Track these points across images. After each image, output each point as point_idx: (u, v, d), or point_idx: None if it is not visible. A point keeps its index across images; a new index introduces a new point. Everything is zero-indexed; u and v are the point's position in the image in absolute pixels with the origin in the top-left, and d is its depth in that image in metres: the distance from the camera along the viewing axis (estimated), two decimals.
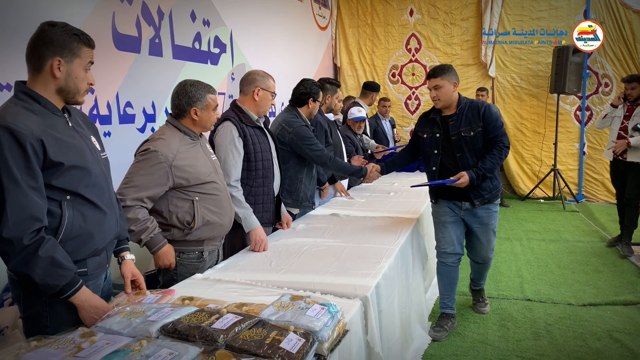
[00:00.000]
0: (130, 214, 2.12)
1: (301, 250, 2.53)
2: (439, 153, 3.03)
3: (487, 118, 2.92)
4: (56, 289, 1.54)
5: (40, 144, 1.52)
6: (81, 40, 1.64)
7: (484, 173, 2.91)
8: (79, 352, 1.24)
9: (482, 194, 3.01)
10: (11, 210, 1.46)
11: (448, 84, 2.94)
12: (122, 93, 3.63)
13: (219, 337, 1.30)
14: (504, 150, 2.96)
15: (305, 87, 3.30)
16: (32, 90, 1.60)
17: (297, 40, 6.75)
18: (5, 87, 2.75)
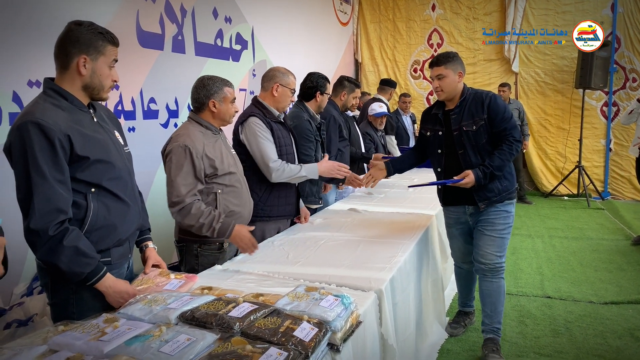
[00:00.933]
0: (193, 209, 2.21)
1: (318, 243, 2.57)
2: (442, 153, 2.75)
3: (493, 109, 2.59)
4: (81, 276, 1.61)
5: (67, 139, 1.59)
6: (106, 39, 1.70)
7: (492, 171, 2.58)
8: (103, 336, 1.30)
9: (489, 195, 2.67)
10: (38, 202, 1.53)
11: (452, 74, 2.64)
12: (146, 89, 3.72)
13: (234, 324, 1.35)
14: (515, 145, 2.61)
15: (312, 81, 3.32)
16: (59, 87, 1.67)
17: (318, 36, 6.78)
18: (35, 83, 2.85)
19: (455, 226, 2.92)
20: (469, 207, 2.78)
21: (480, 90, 2.72)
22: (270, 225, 2.82)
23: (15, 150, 1.56)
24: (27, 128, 1.54)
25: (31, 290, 2.85)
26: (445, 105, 2.76)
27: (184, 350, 1.22)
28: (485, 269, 2.76)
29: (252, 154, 2.72)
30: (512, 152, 2.62)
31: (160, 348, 1.23)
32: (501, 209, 2.71)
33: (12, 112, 2.75)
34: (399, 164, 3.07)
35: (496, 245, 2.73)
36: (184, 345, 1.25)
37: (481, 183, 2.60)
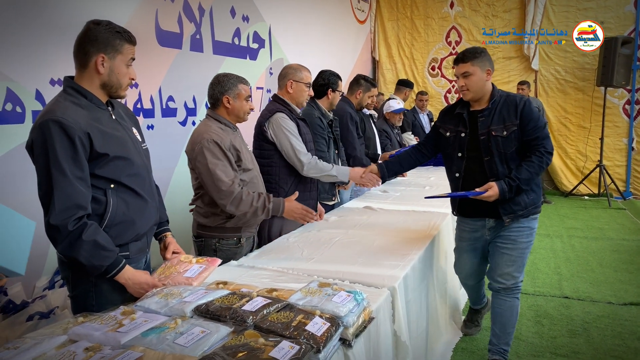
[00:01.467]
0: (244, 196, 2.30)
1: (332, 240, 2.58)
2: (463, 156, 2.50)
3: (526, 115, 2.37)
4: (101, 269, 1.65)
5: (87, 136, 1.63)
6: (123, 38, 1.73)
7: (519, 185, 2.34)
8: (120, 328, 1.34)
9: (515, 209, 2.43)
10: (58, 199, 1.58)
11: (480, 72, 2.41)
12: (165, 87, 3.78)
13: (248, 318, 1.37)
14: (545, 157, 2.37)
15: (323, 78, 3.34)
16: (79, 85, 1.72)
17: (335, 34, 6.78)
18: (57, 82, 2.92)
19: (468, 241, 2.68)
20: (489, 220, 2.54)
21: (513, 94, 2.49)
22: (288, 221, 2.85)
23: (37, 147, 1.61)
24: (49, 126, 1.58)
25: (53, 284, 2.93)
26: (470, 105, 2.53)
27: (198, 342, 1.25)
28: (500, 289, 2.56)
29: (282, 148, 2.75)
30: (542, 165, 2.37)
31: (175, 340, 1.26)
32: (525, 224, 2.48)
33: (35, 110, 2.82)
34: (396, 167, 2.85)
35: (516, 264, 2.51)
36: (198, 337, 1.28)
37: (505, 197, 2.35)
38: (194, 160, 2.35)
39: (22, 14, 2.74)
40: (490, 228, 2.56)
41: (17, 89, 2.72)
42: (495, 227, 2.54)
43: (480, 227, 2.59)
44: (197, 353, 1.21)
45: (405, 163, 2.83)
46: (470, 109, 2.52)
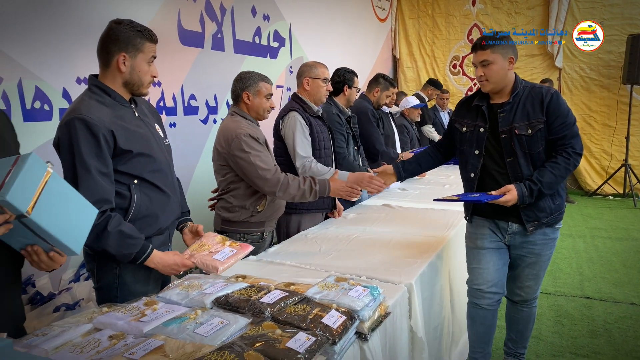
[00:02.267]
0: (290, 181, 2.36)
1: (350, 237, 2.60)
2: (480, 154, 2.23)
3: (554, 110, 2.09)
4: (130, 256, 1.71)
5: (111, 134, 1.68)
6: (144, 36, 1.77)
7: (540, 189, 2.08)
8: (143, 317, 1.39)
9: (539, 216, 2.18)
10: (83, 194, 1.63)
11: (501, 59, 2.13)
12: (187, 86, 3.84)
13: (266, 310, 1.40)
14: (573, 158, 2.10)
15: (339, 75, 3.37)
16: (103, 83, 1.77)
17: (355, 33, 6.79)
18: (83, 80, 3.00)
19: (489, 239, 2.33)
20: (512, 225, 2.25)
21: (539, 85, 2.18)
22: (306, 218, 2.90)
23: (63, 145, 1.66)
24: (74, 124, 1.64)
25: (78, 277, 3.01)
26: (489, 97, 2.25)
27: (217, 332, 1.29)
28: (519, 300, 2.41)
29: (288, 146, 2.79)
30: (569, 167, 2.09)
31: (195, 329, 1.30)
32: (550, 236, 2.24)
33: (62, 107, 2.91)
34: (414, 166, 2.55)
35: (538, 278, 2.33)
36: (217, 327, 1.31)
37: (525, 203, 2.10)
38: (231, 155, 2.37)
39: (49, 15, 2.83)
40: (512, 234, 2.26)
41: (45, 87, 2.81)
42: (517, 234, 2.25)
43: (500, 231, 2.30)
44: (216, 342, 1.24)
45: (424, 163, 2.56)
46: (490, 102, 2.24)
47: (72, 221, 1.34)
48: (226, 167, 2.44)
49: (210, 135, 4.03)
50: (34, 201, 1.20)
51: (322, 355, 1.29)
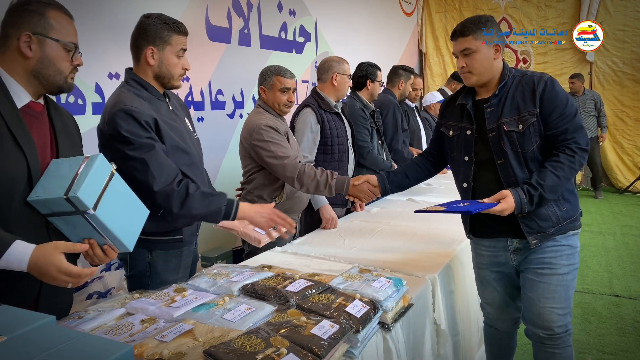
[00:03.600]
0: (307, 169, 2.36)
1: (374, 231, 2.62)
2: (471, 161, 1.91)
3: (549, 100, 1.76)
4: (221, 212, 1.77)
5: (154, 123, 1.73)
6: (171, 29, 1.79)
7: (542, 194, 1.74)
8: (173, 303, 1.44)
9: (543, 226, 1.83)
10: (155, 169, 1.68)
11: (485, 48, 1.82)
12: (214, 81, 3.91)
13: (291, 298, 1.44)
14: (579, 155, 1.76)
15: (362, 70, 3.39)
16: (139, 76, 1.81)
17: (381, 27, 6.77)
18: (114, 75, 3.09)
19: (491, 268, 2.03)
20: (512, 241, 1.92)
21: (531, 72, 1.87)
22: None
23: (116, 138, 1.68)
24: (121, 116, 1.67)
25: (109, 266, 3.11)
26: (475, 93, 1.95)
27: (244, 318, 1.33)
28: (544, 336, 1.89)
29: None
30: (574, 165, 1.76)
31: (223, 315, 1.35)
32: (563, 242, 1.87)
33: (95, 102, 3.00)
34: (400, 178, 2.20)
35: (558, 297, 1.85)
36: (244, 313, 1.35)
37: (524, 211, 1.76)
38: (252, 145, 2.44)
39: (82, 13, 2.92)
40: (515, 250, 1.93)
41: (78, 82, 2.91)
42: (522, 249, 1.92)
43: (501, 250, 1.96)
44: (243, 327, 1.28)
45: (412, 174, 2.20)
46: (476, 98, 1.93)
47: (128, 219, 1.42)
48: (248, 158, 2.51)
49: (236, 129, 4.09)
50: (99, 199, 1.30)
51: (345, 343, 1.32)
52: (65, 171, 1.32)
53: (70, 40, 1.42)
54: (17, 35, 1.35)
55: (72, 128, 1.57)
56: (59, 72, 1.40)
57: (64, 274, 1.23)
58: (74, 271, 1.24)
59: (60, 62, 1.40)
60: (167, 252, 1.87)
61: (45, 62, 1.38)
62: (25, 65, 1.37)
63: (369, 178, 2.21)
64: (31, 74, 1.37)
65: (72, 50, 1.42)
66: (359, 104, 3.31)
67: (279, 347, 1.15)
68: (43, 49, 1.37)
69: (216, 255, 3.49)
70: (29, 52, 1.36)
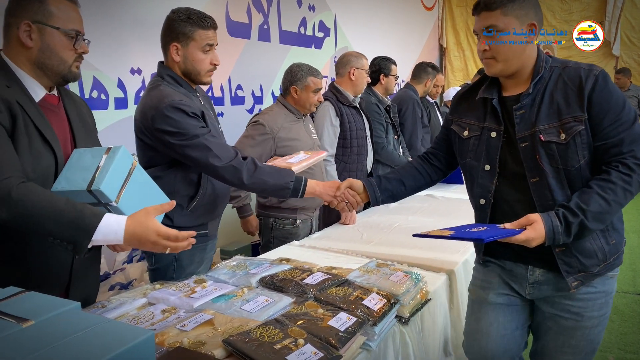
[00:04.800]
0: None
1: (392, 226, 2.62)
2: (494, 171, 1.50)
3: (600, 100, 1.35)
4: (289, 185, 1.76)
5: (202, 114, 1.76)
6: (195, 23, 1.75)
7: (583, 222, 1.33)
8: (193, 294, 1.47)
9: (586, 264, 1.42)
10: (215, 147, 1.70)
11: (517, 25, 1.40)
12: (234, 76, 3.94)
13: (309, 290, 1.46)
14: (636, 173, 1.34)
15: (375, 65, 3.38)
16: (173, 71, 1.81)
17: (401, 22, 6.72)
18: (136, 71, 3.14)
19: (499, 290, 1.61)
20: (534, 271, 1.51)
21: (575, 64, 1.44)
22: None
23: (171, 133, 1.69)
24: (171, 110, 1.68)
25: (131, 258, 3.18)
26: (500, 85, 1.54)
27: (262, 309, 1.35)
28: None
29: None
30: (631, 187, 1.34)
31: (242, 306, 1.37)
32: (599, 288, 1.45)
33: (117, 97, 3.05)
34: (394, 185, 1.77)
35: (579, 352, 1.50)
36: (263, 305, 1.38)
37: (557, 242, 1.35)
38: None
39: (105, 8, 2.96)
40: (534, 283, 1.51)
41: (101, 77, 2.96)
42: (543, 285, 1.50)
43: (517, 276, 1.56)
44: (261, 318, 1.30)
45: (409, 180, 1.77)
46: (503, 94, 1.52)
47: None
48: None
49: None
50: (121, 191, 1.32)
51: (362, 335, 1.33)
52: (88, 162, 1.33)
53: (72, 27, 1.34)
54: (17, 25, 1.30)
55: (86, 114, 1.55)
56: (62, 61, 1.34)
57: (163, 237, 1.23)
58: (172, 234, 1.24)
59: (63, 51, 1.34)
60: (193, 246, 1.89)
61: (46, 51, 1.32)
62: (28, 55, 1.32)
63: (351, 183, 1.78)
64: (35, 65, 1.33)
65: (74, 37, 1.35)
66: (374, 99, 3.31)
67: (296, 337, 1.17)
68: (43, 37, 1.31)
69: (235, 249, 3.52)
70: (30, 42, 1.30)
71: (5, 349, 0.70)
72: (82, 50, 1.39)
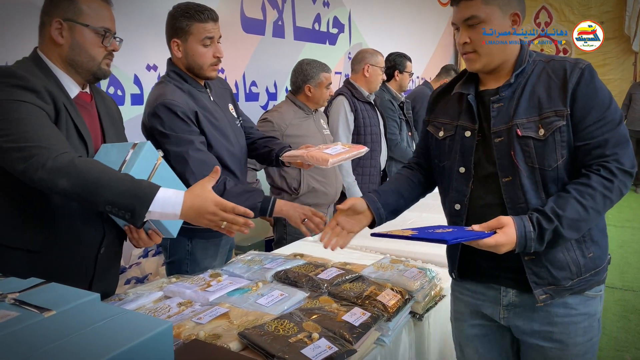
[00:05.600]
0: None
1: (406, 222, 2.61)
2: (469, 174, 1.36)
3: (585, 95, 1.24)
4: (257, 208, 1.71)
5: (195, 115, 1.74)
6: (191, 17, 1.74)
7: (558, 229, 1.19)
8: (208, 288, 1.48)
9: (557, 277, 1.27)
10: (194, 164, 1.68)
11: (499, 16, 1.29)
12: (248, 73, 3.95)
13: (323, 285, 1.47)
14: (619, 179, 1.22)
15: (390, 61, 3.39)
16: (179, 68, 1.82)
17: (416, 18, 6.68)
18: (152, 67, 3.17)
19: (470, 320, 1.46)
20: (507, 291, 1.36)
21: (561, 57, 1.33)
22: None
23: (158, 132, 1.71)
24: (161, 110, 1.70)
25: (146, 253, 3.21)
26: (479, 80, 1.40)
27: (277, 303, 1.36)
28: None
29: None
30: (611, 194, 1.22)
31: (257, 300, 1.38)
32: (579, 310, 1.31)
33: (134, 93, 3.08)
34: (395, 198, 1.55)
35: None
36: (277, 299, 1.39)
37: (528, 249, 1.21)
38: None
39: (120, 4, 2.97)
40: (508, 306, 1.36)
41: (118, 73, 2.99)
42: (517, 307, 1.35)
43: (489, 299, 1.40)
44: (276, 312, 1.31)
45: (407, 191, 1.58)
46: (480, 88, 1.39)
47: None
48: None
49: None
50: None
51: (376, 330, 1.33)
52: (114, 157, 1.33)
53: (101, 25, 1.37)
54: (50, 23, 1.33)
55: (115, 112, 1.59)
56: (91, 58, 1.37)
57: (220, 208, 1.21)
58: (228, 205, 1.22)
59: (92, 48, 1.36)
60: (207, 240, 1.91)
61: (76, 48, 1.35)
62: (60, 52, 1.35)
63: (355, 203, 1.47)
64: (66, 62, 1.36)
65: (103, 35, 1.37)
66: (388, 95, 3.31)
67: (311, 332, 1.18)
68: (73, 35, 1.34)
69: (249, 244, 3.54)
70: (61, 39, 1.33)
71: (28, 337, 0.72)
72: (112, 48, 1.41)
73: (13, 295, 0.82)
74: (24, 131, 1.17)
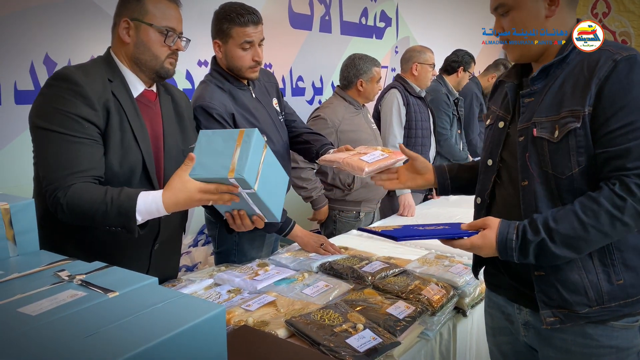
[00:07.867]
0: (303, 174, 2.43)
1: (452, 218, 2.58)
2: (494, 166, 1.25)
3: (612, 92, 1.05)
4: (279, 225, 1.77)
5: (231, 117, 1.79)
6: (232, 21, 1.77)
7: (545, 243, 1.06)
8: (256, 277, 1.53)
9: (569, 300, 1.10)
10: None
11: (531, 2, 1.15)
12: (295, 68, 4.00)
13: (367, 278, 1.49)
14: (636, 198, 1.01)
15: (458, 56, 3.34)
16: (222, 67, 1.87)
17: (464, 11, 6.54)
18: (203, 63, 3.27)
19: (493, 336, 1.37)
20: (521, 310, 1.23)
21: (608, 46, 1.19)
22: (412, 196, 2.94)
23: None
24: (198, 111, 1.75)
25: (196, 242, 3.32)
26: (532, 70, 1.25)
27: (322, 293, 1.40)
28: None
29: (383, 122, 2.83)
30: (622, 215, 1.02)
31: (302, 290, 1.42)
32: (603, 342, 1.11)
33: (185, 88, 3.18)
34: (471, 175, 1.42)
35: None
36: (322, 289, 1.42)
37: (509, 257, 1.10)
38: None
39: None
40: (526, 324, 1.23)
41: None
42: (533, 327, 1.22)
43: (509, 315, 1.28)
44: (321, 302, 1.35)
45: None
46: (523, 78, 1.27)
47: (277, 190, 1.39)
48: None
49: None
50: (258, 176, 1.27)
51: (420, 324, 1.34)
52: (221, 146, 1.26)
53: (166, 24, 1.39)
54: (119, 23, 1.39)
55: (185, 109, 1.60)
56: (154, 57, 1.39)
57: (204, 192, 1.23)
58: (211, 187, 1.23)
59: (155, 47, 1.39)
60: (253, 232, 1.95)
61: (140, 47, 1.38)
62: (126, 51, 1.39)
63: (417, 160, 1.45)
64: (132, 60, 1.40)
65: (165, 34, 1.39)
66: (444, 89, 3.28)
67: (355, 322, 1.20)
68: (138, 34, 1.38)
69: None
70: (127, 38, 1.38)
71: (94, 315, 0.78)
72: (176, 47, 1.43)
73: (80, 277, 0.89)
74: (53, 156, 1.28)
